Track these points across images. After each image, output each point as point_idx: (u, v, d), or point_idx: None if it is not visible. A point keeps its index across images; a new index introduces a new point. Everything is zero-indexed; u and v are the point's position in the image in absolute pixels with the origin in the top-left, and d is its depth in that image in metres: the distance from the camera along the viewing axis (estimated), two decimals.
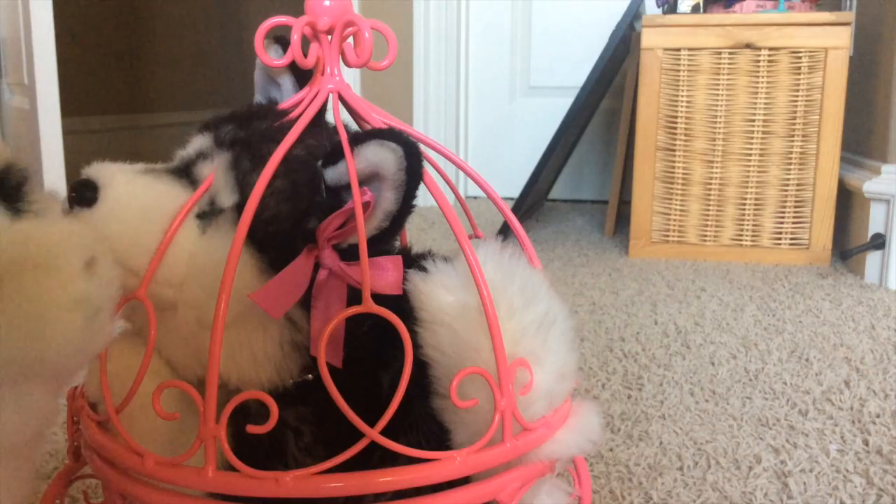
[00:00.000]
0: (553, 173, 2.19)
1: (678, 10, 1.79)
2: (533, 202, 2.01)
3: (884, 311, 1.31)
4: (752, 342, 1.14)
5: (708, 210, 1.69)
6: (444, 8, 2.32)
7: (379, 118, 0.49)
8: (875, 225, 1.54)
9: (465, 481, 0.43)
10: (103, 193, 0.44)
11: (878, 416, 0.87)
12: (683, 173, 1.69)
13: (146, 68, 3.52)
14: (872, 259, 1.53)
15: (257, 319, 0.43)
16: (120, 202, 0.44)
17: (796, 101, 1.65)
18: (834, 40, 1.61)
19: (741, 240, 1.70)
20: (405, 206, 0.44)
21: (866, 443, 0.80)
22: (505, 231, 1.53)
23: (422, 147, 0.45)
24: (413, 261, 0.48)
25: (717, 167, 1.69)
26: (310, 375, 0.45)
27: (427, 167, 0.44)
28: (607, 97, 2.28)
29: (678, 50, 1.67)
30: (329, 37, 0.48)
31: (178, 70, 3.73)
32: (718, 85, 1.67)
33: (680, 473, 0.74)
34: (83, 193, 0.43)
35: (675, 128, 1.70)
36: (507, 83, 2.44)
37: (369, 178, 0.44)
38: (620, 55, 1.93)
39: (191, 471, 0.40)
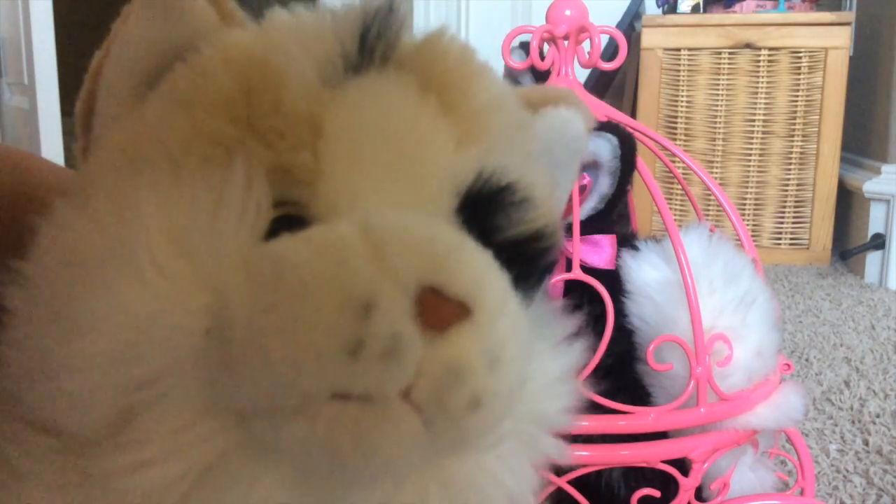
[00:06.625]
0: None
1: (678, 10, 1.79)
2: None
3: (884, 311, 1.31)
4: None
5: (708, 210, 1.69)
6: (444, 7, 2.32)
7: (603, 112, 0.55)
8: (875, 225, 1.54)
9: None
10: None
11: (878, 416, 0.88)
12: (683, 173, 1.69)
13: None
14: (872, 259, 1.53)
15: None
16: None
17: (796, 101, 1.65)
18: (834, 40, 1.61)
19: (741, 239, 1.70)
20: (619, 190, 0.50)
21: (866, 443, 0.80)
22: None
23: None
24: (629, 241, 0.53)
25: (717, 167, 1.69)
26: None
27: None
28: (607, 97, 2.28)
29: (678, 50, 1.67)
30: (565, 42, 0.55)
31: None
32: (718, 85, 1.67)
33: None
34: None
35: (675, 128, 1.70)
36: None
37: (589, 165, 0.50)
38: None
39: None
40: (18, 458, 0.24)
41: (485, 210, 0.26)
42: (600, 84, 1.88)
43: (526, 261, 0.27)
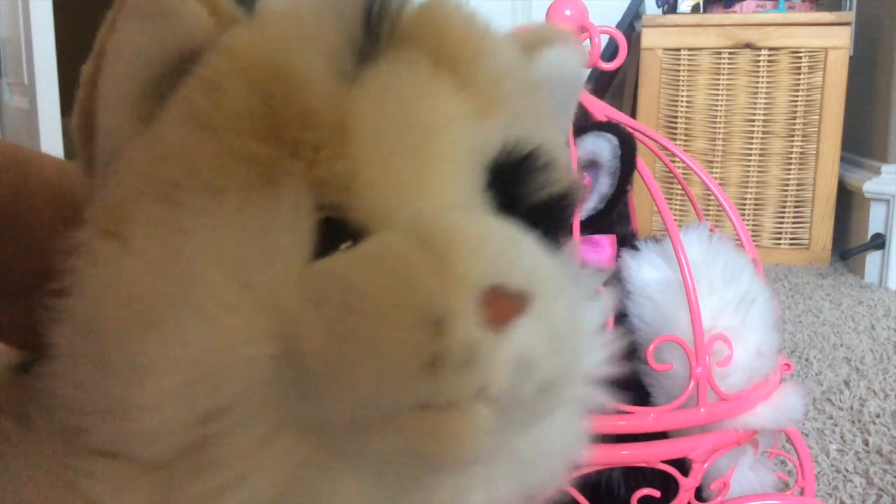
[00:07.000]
0: None
1: (678, 10, 1.79)
2: None
3: (884, 311, 1.31)
4: None
5: (708, 210, 1.69)
6: None
7: (603, 112, 0.55)
8: (875, 225, 1.54)
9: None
10: None
11: (878, 416, 0.88)
12: (683, 173, 1.69)
13: None
14: (872, 259, 1.53)
15: None
16: None
17: (796, 101, 1.65)
18: (834, 40, 1.61)
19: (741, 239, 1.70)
20: (619, 190, 0.50)
21: (866, 443, 0.80)
22: None
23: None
24: (629, 241, 0.53)
25: (717, 167, 1.69)
26: None
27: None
28: (607, 97, 2.28)
29: (678, 50, 1.67)
30: None
31: None
32: (718, 85, 1.67)
33: None
34: None
35: (675, 128, 1.70)
36: None
37: (589, 165, 0.50)
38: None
39: None
40: (95, 487, 0.24)
41: (513, 179, 0.26)
42: (600, 84, 1.88)
43: (552, 221, 0.27)
